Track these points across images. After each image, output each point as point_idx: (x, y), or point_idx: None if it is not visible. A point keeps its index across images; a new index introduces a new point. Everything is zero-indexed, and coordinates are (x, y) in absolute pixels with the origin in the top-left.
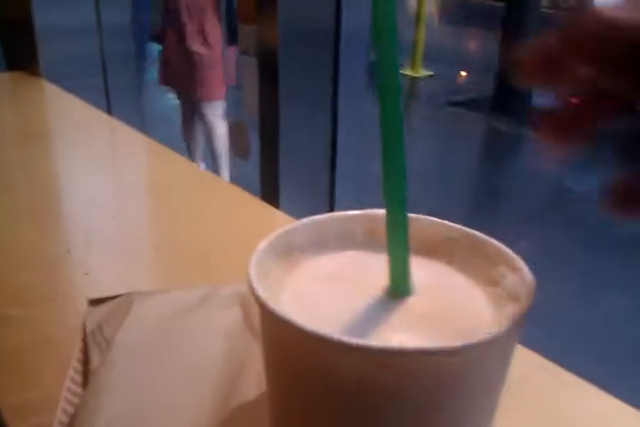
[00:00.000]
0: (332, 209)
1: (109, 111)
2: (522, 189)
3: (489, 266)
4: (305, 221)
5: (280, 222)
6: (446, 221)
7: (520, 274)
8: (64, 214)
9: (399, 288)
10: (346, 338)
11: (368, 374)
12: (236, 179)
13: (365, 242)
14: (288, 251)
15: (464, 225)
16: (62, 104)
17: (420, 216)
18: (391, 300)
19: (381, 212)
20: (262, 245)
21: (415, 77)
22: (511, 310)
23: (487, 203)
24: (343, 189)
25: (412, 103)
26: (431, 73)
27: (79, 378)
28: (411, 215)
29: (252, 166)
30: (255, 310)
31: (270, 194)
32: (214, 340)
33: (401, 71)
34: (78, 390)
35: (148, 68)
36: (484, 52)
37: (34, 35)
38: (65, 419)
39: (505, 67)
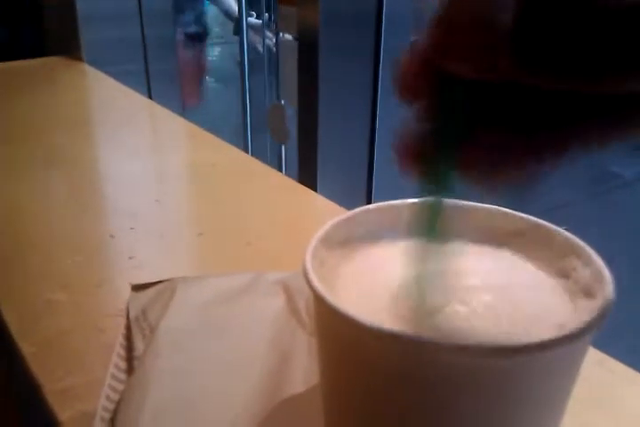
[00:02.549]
0: (369, 194)
1: (150, 96)
2: (565, 173)
3: (559, 258)
4: (359, 210)
5: (322, 208)
6: (515, 212)
7: (593, 267)
8: (107, 199)
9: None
10: (413, 334)
11: (432, 370)
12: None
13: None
14: (343, 241)
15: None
16: (104, 89)
17: (488, 206)
18: (451, 289)
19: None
20: (318, 235)
21: None
22: (585, 306)
23: (528, 187)
24: (381, 174)
25: None
26: None
27: (123, 365)
28: (479, 205)
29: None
30: (300, 297)
31: (308, 178)
32: (260, 327)
33: None
34: (122, 376)
35: None
36: None
37: (76, 19)
38: (109, 405)
39: None
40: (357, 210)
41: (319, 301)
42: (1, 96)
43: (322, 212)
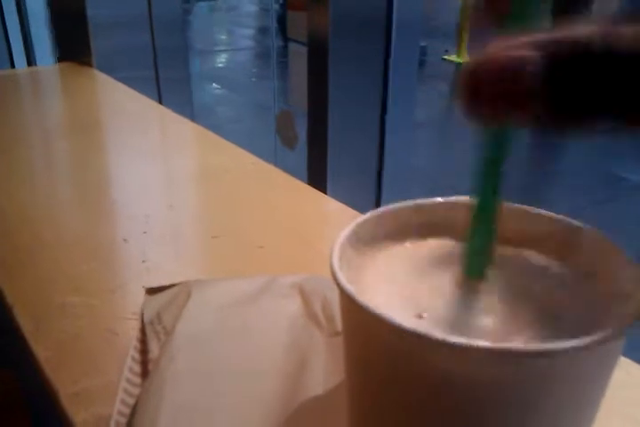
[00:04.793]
0: (378, 200)
1: (160, 103)
2: (573, 178)
3: (591, 258)
4: (385, 209)
5: (334, 211)
6: (543, 211)
7: (627, 268)
8: (120, 204)
9: (475, 271)
10: (452, 338)
11: (464, 371)
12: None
13: (447, 230)
14: (369, 240)
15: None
16: (114, 94)
17: (517, 206)
18: (479, 291)
19: (463, 199)
20: (344, 234)
21: (461, 64)
22: (620, 306)
23: (536, 192)
24: (391, 178)
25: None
26: None
27: (138, 368)
28: (508, 204)
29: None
30: (316, 299)
31: (317, 183)
32: (276, 330)
33: (446, 57)
34: (137, 380)
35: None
36: None
37: (87, 26)
38: (124, 409)
39: None
40: (383, 209)
41: (349, 301)
42: (12, 101)
43: (333, 215)
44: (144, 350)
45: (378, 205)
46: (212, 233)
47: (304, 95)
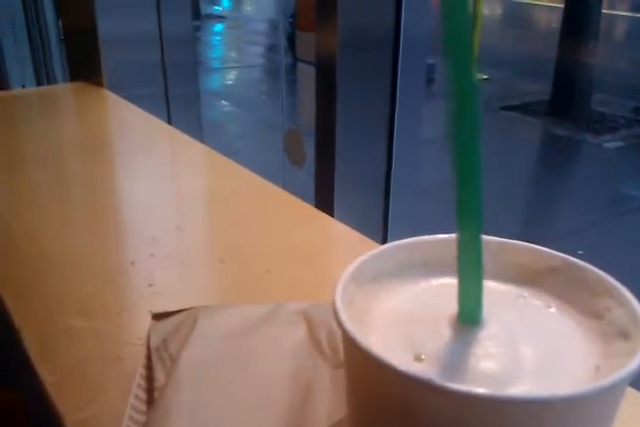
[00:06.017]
0: (385, 219)
1: (169, 121)
2: (580, 197)
3: (591, 297)
4: (391, 245)
5: (341, 235)
6: (544, 248)
7: (627, 307)
8: (127, 225)
9: (469, 317)
10: (453, 385)
11: (468, 419)
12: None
13: (451, 267)
14: (373, 277)
15: (518, 234)
16: (124, 114)
17: (516, 242)
18: (479, 333)
19: None
20: (347, 272)
21: None
22: (622, 348)
23: (543, 211)
24: (398, 197)
25: None
26: (486, 77)
27: (143, 395)
28: (506, 241)
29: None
30: (322, 328)
31: (324, 202)
32: (281, 359)
33: None
34: (142, 407)
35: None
36: (540, 55)
37: (98, 45)
38: None
39: (563, 70)
40: (387, 245)
41: (351, 343)
42: (22, 121)
43: (341, 239)
44: (150, 377)
45: (385, 222)
46: (218, 256)
47: (313, 114)
